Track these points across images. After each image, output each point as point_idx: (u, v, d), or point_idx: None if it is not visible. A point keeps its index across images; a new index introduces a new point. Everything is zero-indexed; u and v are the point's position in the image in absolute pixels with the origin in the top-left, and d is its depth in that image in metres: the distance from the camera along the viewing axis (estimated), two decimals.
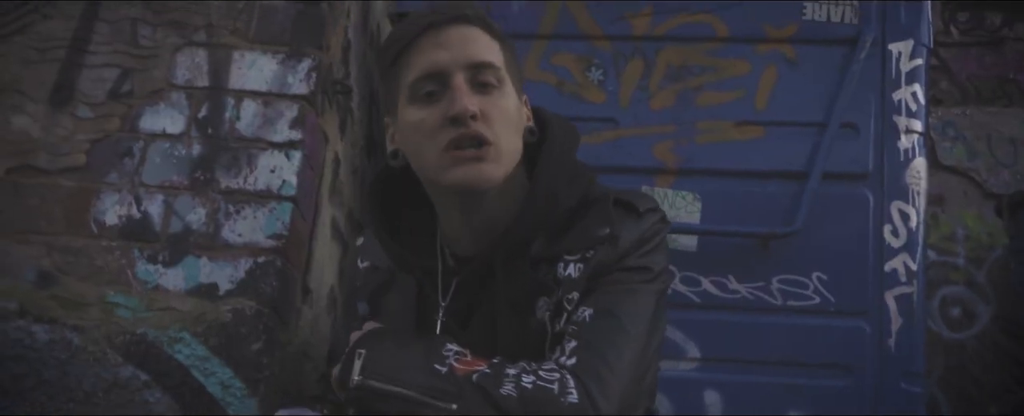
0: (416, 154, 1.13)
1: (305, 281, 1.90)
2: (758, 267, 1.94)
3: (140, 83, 1.84)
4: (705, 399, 1.92)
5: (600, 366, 1.04)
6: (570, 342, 1.07)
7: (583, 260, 1.11)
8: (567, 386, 1.02)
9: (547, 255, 1.13)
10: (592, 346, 1.06)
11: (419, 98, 1.11)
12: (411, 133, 1.12)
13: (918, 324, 1.91)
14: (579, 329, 1.08)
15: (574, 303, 1.10)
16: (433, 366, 1.06)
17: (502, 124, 1.11)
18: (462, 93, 1.08)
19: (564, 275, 1.12)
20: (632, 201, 1.16)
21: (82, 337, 1.67)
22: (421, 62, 1.10)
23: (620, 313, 1.09)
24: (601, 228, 1.12)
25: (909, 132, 1.97)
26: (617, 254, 1.11)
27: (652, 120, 2.04)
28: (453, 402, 1.03)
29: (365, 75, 2.31)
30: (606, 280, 1.11)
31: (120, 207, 1.76)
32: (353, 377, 1.09)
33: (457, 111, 1.07)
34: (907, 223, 1.94)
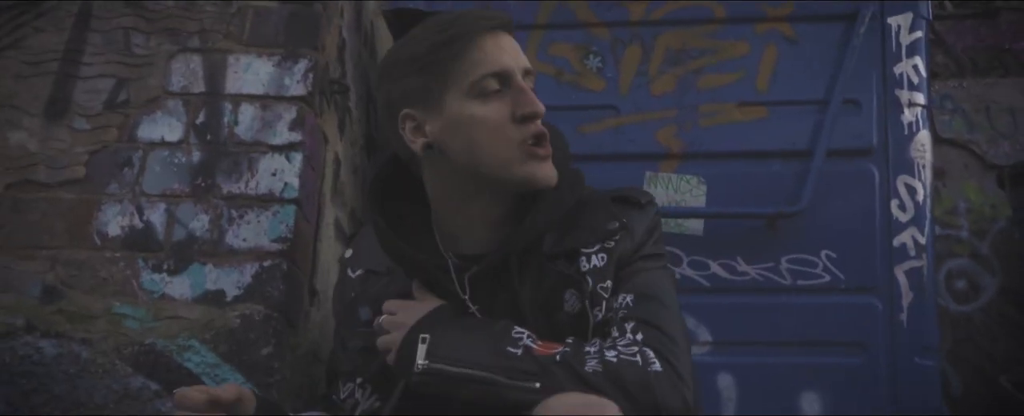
0: (474, 147, 1.17)
1: (312, 283, 1.89)
2: (766, 248, 1.93)
3: (136, 92, 1.83)
4: (719, 383, 1.91)
5: (665, 339, 1.11)
6: (628, 323, 1.14)
7: (604, 251, 1.19)
8: (648, 357, 1.08)
9: (561, 251, 1.19)
10: (650, 324, 1.13)
11: (485, 94, 1.16)
12: (472, 127, 1.16)
13: (929, 298, 1.90)
14: (629, 312, 1.15)
15: (610, 291, 1.17)
16: (506, 349, 1.09)
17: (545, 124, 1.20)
18: (531, 94, 1.18)
19: (589, 267, 1.18)
20: (630, 196, 1.26)
21: (90, 350, 1.66)
22: (488, 60, 1.16)
23: (657, 294, 1.17)
24: (611, 222, 1.21)
25: (912, 105, 1.96)
26: (634, 245, 1.20)
27: (653, 105, 2.02)
28: (536, 381, 1.05)
29: (361, 74, 2.29)
30: (630, 269, 1.19)
31: (122, 217, 1.75)
32: (418, 362, 1.10)
33: (535, 110, 1.16)
34: (914, 197, 1.93)
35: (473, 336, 1.12)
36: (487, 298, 1.20)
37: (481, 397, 1.08)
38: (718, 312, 1.93)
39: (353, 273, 1.36)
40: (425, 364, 1.10)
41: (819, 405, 1.87)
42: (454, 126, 1.17)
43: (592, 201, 1.25)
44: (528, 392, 1.05)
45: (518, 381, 1.06)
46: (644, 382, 1.05)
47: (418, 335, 1.12)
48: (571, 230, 1.21)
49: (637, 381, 1.04)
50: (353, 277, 1.36)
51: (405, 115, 1.20)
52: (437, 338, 1.12)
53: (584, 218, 1.22)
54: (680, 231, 1.95)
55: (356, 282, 1.35)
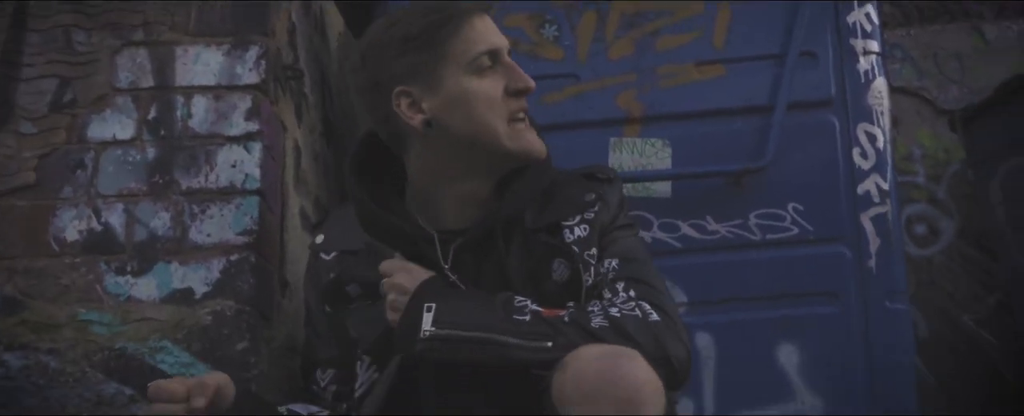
0: (473, 121, 1.23)
1: (281, 274, 1.86)
2: (734, 205, 1.94)
3: (82, 91, 1.77)
4: (698, 342, 1.93)
5: (655, 292, 1.20)
6: (618, 283, 1.21)
7: (585, 222, 1.27)
8: (645, 309, 1.14)
9: (543, 225, 1.27)
10: (639, 281, 1.21)
11: (481, 70, 1.23)
12: (471, 102, 1.23)
13: (896, 242, 1.92)
14: (617, 274, 1.23)
15: (596, 258, 1.25)
16: (513, 316, 1.13)
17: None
18: (520, 70, 1.26)
19: (574, 238, 1.25)
20: (598, 172, 1.36)
21: (59, 359, 1.61)
22: (481, 39, 1.24)
23: (638, 256, 1.27)
24: (587, 194, 1.30)
25: (867, 53, 1.97)
26: (610, 216, 1.29)
27: (612, 71, 2.01)
28: (548, 340, 1.10)
29: (314, 58, 2.25)
30: (610, 238, 1.28)
31: (79, 221, 1.70)
32: (424, 329, 1.13)
33: (528, 84, 1.25)
34: (874, 144, 1.95)
35: (478, 303, 1.16)
36: (471, 271, 1.25)
37: (490, 361, 1.12)
38: (692, 272, 1.94)
39: (327, 256, 1.37)
40: (432, 331, 1.13)
41: (797, 356, 1.89)
42: (453, 101, 1.22)
43: (564, 178, 1.33)
44: (541, 351, 1.09)
45: (530, 341, 1.10)
46: (647, 331, 1.11)
47: (422, 304, 1.16)
48: (549, 204, 1.28)
49: (641, 331, 1.10)
50: (328, 259, 1.36)
51: (400, 92, 1.24)
52: (443, 305, 1.15)
53: (560, 193, 1.30)
54: (648, 194, 1.95)
55: (333, 263, 1.36)
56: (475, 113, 1.22)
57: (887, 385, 1.86)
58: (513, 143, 1.24)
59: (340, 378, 1.36)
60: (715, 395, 1.88)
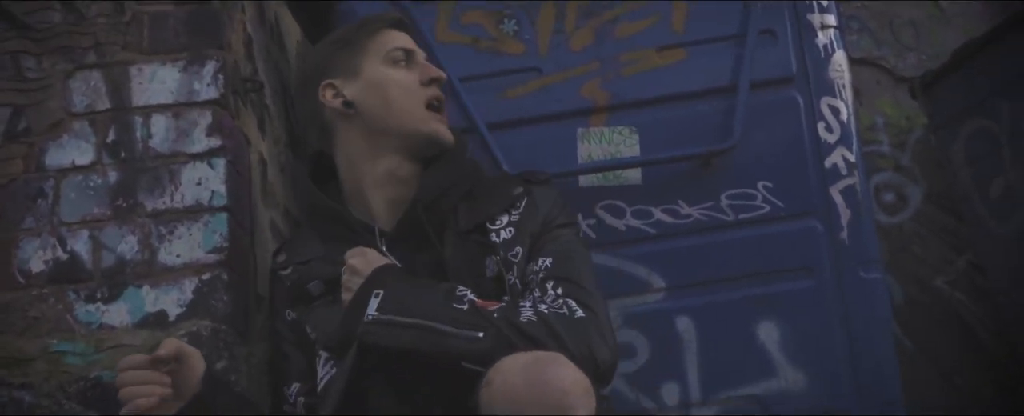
0: (388, 103, 1.45)
1: (255, 289, 1.83)
2: (705, 187, 1.95)
3: (36, 118, 1.73)
4: (677, 326, 1.94)
5: (583, 292, 1.25)
6: (548, 282, 1.27)
7: (511, 224, 1.35)
8: (572, 306, 1.21)
9: (473, 225, 1.36)
10: (569, 280, 1.27)
11: (396, 62, 1.48)
12: (387, 86, 1.45)
13: (866, 212, 1.95)
14: (548, 272, 1.29)
15: (520, 257, 1.33)
16: (452, 304, 1.18)
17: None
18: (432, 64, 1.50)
19: (499, 239, 1.33)
20: (530, 175, 1.46)
21: (33, 393, 1.58)
22: (396, 39, 1.51)
23: (572, 254, 1.33)
24: (514, 188, 1.40)
25: (825, 27, 1.99)
26: (547, 217, 1.38)
27: (574, 61, 2.01)
28: (479, 331, 1.14)
29: (273, 68, 2.22)
30: (547, 237, 1.36)
31: (43, 251, 1.66)
32: (368, 313, 1.20)
33: (439, 74, 1.48)
34: (838, 117, 1.97)
35: (422, 291, 1.23)
36: (407, 264, 1.34)
37: (426, 347, 1.16)
38: (667, 257, 1.95)
39: (285, 271, 1.51)
40: (374, 315, 1.20)
41: (777, 332, 1.91)
42: (371, 86, 1.45)
43: (493, 180, 1.47)
44: (472, 341, 1.14)
45: (464, 330, 1.15)
46: (573, 328, 1.16)
47: (371, 289, 1.23)
48: (478, 203, 1.38)
49: (568, 328, 1.16)
50: (285, 275, 1.50)
51: (325, 85, 1.49)
52: (389, 292, 1.22)
53: (488, 191, 1.41)
54: (619, 183, 1.95)
55: (292, 275, 1.49)
56: (390, 96, 1.43)
57: (867, 354, 1.88)
58: (425, 127, 1.41)
59: (308, 389, 1.38)
60: (699, 378, 1.89)
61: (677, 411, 1.88)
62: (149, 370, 1.19)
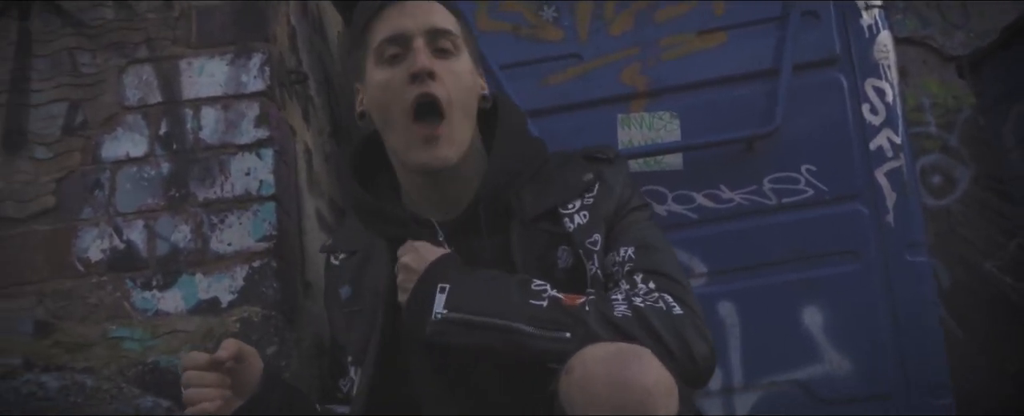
0: (382, 121, 1.23)
1: (303, 276, 1.88)
2: (747, 171, 1.93)
3: (92, 112, 1.79)
4: (720, 311, 1.93)
5: (677, 285, 1.14)
6: (637, 274, 1.15)
7: (585, 208, 1.22)
8: (669, 302, 1.10)
9: (542, 211, 1.22)
10: (658, 272, 1.15)
11: (384, 60, 1.21)
12: (378, 92, 1.22)
13: (912, 195, 1.92)
14: (636, 264, 1.17)
15: (598, 244, 1.20)
16: (530, 301, 1.07)
17: (457, 86, 1.21)
18: (421, 53, 1.19)
19: (574, 225, 1.20)
20: (597, 153, 1.30)
21: (94, 378, 1.64)
22: (386, 27, 1.21)
23: (655, 243, 1.21)
24: (585, 174, 1.25)
25: (869, 8, 1.95)
26: (619, 200, 1.24)
27: (614, 47, 2.00)
28: (567, 331, 1.04)
29: (316, 60, 2.26)
30: (624, 223, 1.23)
31: (101, 241, 1.72)
32: (435, 311, 1.08)
33: (417, 68, 1.17)
34: (883, 98, 1.94)
35: (494, 285, 1.10)
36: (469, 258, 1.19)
37: (504, 350, 1.05)
38: (710, 242, 1.94)
39: (335, 260, 1.40)
40: (444, 313, 1.07)
41: (820, 317, 1.89)
42: (371, 94, 1.24)
43: (561, 160, 1.30)
44: (559, 342, 1.03)
45: (548, 331, 1.04)
46: (671, 325, 1.06)
47: (434, 284, 1.10)
48: (546, 189, 1.24)
49: (665, 324, 1.06)
50: (337, 264, 1.39)
51: (356, 88, 1.31)
52: (457, 287, 1.09)
53: (557, 176, 1.26)
54: (660, 168, 1.95)
55: (340, 268, 1.38)
56: (380, 103, 1.22)
57: (914, 339, 1.86)
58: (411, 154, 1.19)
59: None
60: (742, 363, 1.89)
61: (720, 396, 1.88)
62: (211, 371, 1.16)
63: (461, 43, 1.26)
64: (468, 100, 1.24)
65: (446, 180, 1.24)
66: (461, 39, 1.26)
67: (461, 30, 1.27)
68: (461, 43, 1.26)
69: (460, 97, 1.22)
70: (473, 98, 1.26)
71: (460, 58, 1.25)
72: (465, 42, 1.28)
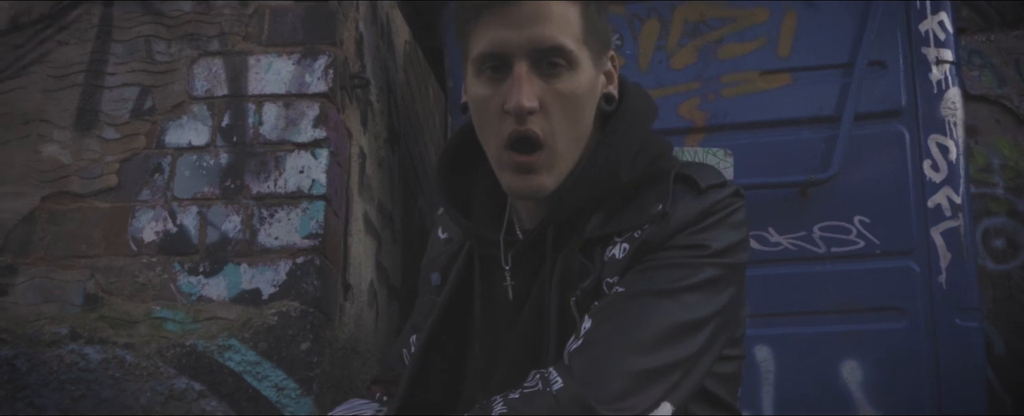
0: (479, 129, 1.07)
1: (345, 278, 1.91)
2: (798, 217, 1.90)
3: (161, 98, 1.85)
4: (757, 355, 1.90)
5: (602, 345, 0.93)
6: (586, 322, 0.97)
7: (630, 240, 1.02)
8: (549, 378, 0.93)
9: (603, 234, 1.04)
10: (604, 324, 0.95)
11: (483, 74, 1.03)
12: (475, 105, 1.05)
13: (968, 257, 1.86)
14: (599, 307, 0.98)
15: (612, 286, 1.00)
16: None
17: (563, 115, 1.02)
18: (521, 86, 0.99)
19: (609, 256, 1.03)
20: (695, 176, 1.05)
21: (134, 354, 1.69)
22: (485, 38, 1.01)
23: (651, 288, 0.97)
24: (655, 205, 1.03)
25: (940, 63, 1.92)
26: (666, 233, 1.01)
27: (675, 79, 2.00)
28: None
29: (380, 66, 2.30)
30: (648, 259, 1.00)
31: (156, 223, 1.78)
32: None
33: (513, 106, 0.98)
34: (946, 156, 1.89)
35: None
36: (528, 273, 1.08)
37: None
38: (752, 284, 1.86)
39: (442, 234, 1.28)
40: None
41: (860, 372, 1.85)
42: (470, 96, 1.07)
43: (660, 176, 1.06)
44: None
45: None
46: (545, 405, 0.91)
47: None
48: (623, 209, 1.05)
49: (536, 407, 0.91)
50: (441, 238, 1.27)
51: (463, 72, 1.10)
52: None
53: (637, 198, 1.05)
54: None
55: (440, 244, 1.26)
56: (478, 119, 1.05)
57: (956, 404, 1.80)
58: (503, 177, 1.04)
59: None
60: (774, 408, 1.85)
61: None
62: None
63: (576, 55, 1.01)
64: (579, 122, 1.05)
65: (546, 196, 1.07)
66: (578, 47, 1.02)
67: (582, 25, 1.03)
68: (576, 55, 1.01)
69: (566, 126, 1.03)
70: (587, 112, 1.05)
71: (575, 73, 1.02)
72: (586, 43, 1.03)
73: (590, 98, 1.05)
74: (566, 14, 1.01)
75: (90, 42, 1.88)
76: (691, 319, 0.96)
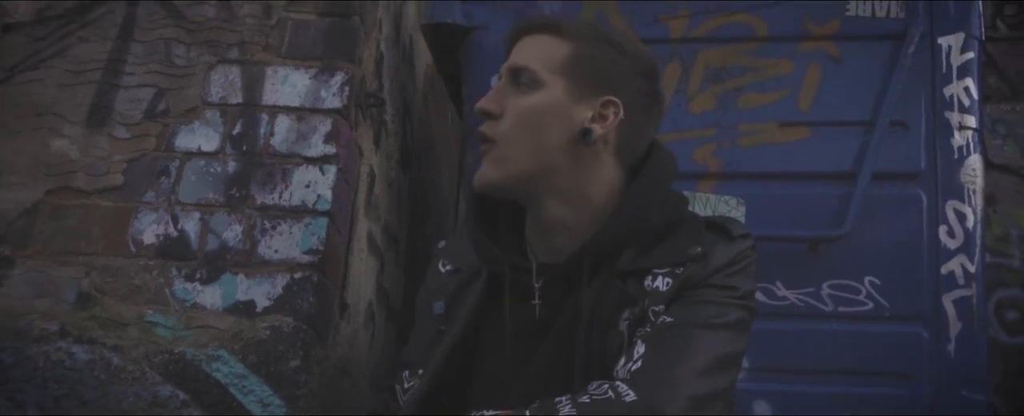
0: None
1: (342, 296, 1.88)
2: (807, 272, 1.87)
3: (175, 102, 1.85)
4: (755, 409, 1.86)
5: (664, 368, 1.04)
6: (640, 347, 1.07)
7: (672, 276, 1.13)
8: (621, 391, 1.02)
9: (636, 268, 1.14)
10: (661, 349, 1.06)
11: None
12: None
13: (979, 329, 1.82)
14: (653, 333, 1.09)
15: (658, 314, 1.11)
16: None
17: (514, 122, 1.18)
18: (492, 92, 1.22)
19: (652, 287, 1.13)
20: (725, 225, 1.19)
21: (121, 356, 1.67)
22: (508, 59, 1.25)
23: (697, 321, 1.09)
24: (692, 246, 1.15)
25: (963, 128, 1.89)
26: (706, 272, 1.13)
27: (692, 124, 1.98)
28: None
29: (399, 87, 2.30)
30: (691, 294, 1.12)
31: (157, 226, 1.76)
32: None
33: (479, 106, 1.21)
34: (963, 223, 1.86)
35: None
36: (557, 303, 1.18)
37: None
38: (756, 338, 1.83)
39: (443, 267, 1.34)
40: None
41: None
42: None
43: (688, 222, 1.20)
44: None
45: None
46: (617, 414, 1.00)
47: None
48: (654, 247, 1.17)
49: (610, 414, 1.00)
50: (443, 272, 1.34)
51: None
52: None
53: (671, 237, 1.17)
54: None
55: (443, 277, 1.33)
56: None
57: None
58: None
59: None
60: None
61: None
62: None
63: (540, 77, 1.19)
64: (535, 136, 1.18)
65: (554, 228, 1.20)
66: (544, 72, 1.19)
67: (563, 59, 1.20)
68: (540, 77, 1.19)
69: (519, 135, 1.18)
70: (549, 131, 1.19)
71: (535, 92, 1.19)
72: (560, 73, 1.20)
73: (553, 120, 1.19)
74: (547, 46, 1.22)
75: (111, 40, 1.89)
76: (729, 353, 1.09)
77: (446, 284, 1.30)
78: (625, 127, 1.21)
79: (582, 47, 1.21)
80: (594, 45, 1.21)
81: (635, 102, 1.23)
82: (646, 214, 1.16)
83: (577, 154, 1.19)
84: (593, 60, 1.21)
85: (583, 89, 1.20)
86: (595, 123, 1.20)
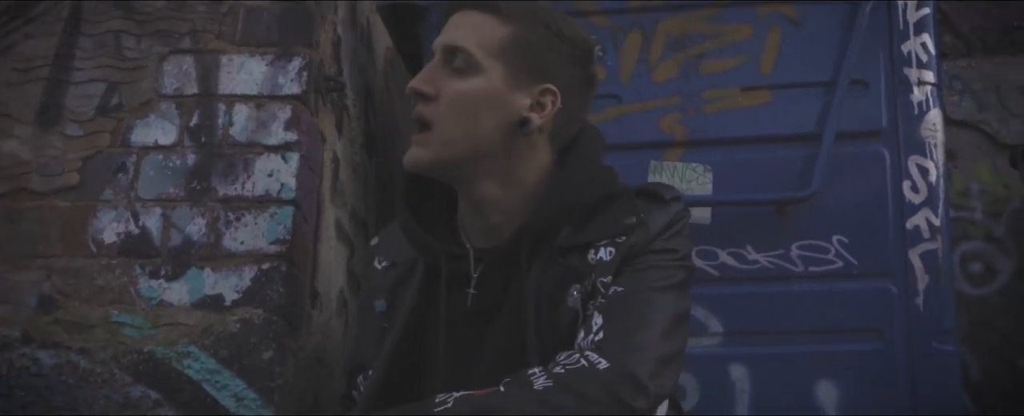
0: None
1: (313, 285, 1.86)
2: (776, 235, 1.89)
3: (128, 96, 1.80)
4: (731, 374, 1.88)
5: (628, 334, 1.06)
6: (597, 318, 1.09)
7: (614, 245, 1.15)
8: (593, 359, 1.04)
9: (575, 244, 1.16)
10: (619, 318, 1.08)
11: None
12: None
13: (945, 281, 1.85)
14: (607, 304, 1.10)
15: (608, 285, 1.13)
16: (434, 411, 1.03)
17: (450, 107, 1.17)
18: (425, 71, 1.20)
19: (596, 259, 1.14)
20: (656, 191, 1.22)
21: (89, 359, 1.63)
22: (441, 36, 1.22)
23: (648, 286, 1.12)
24: (628, 216, 1.17)
25: (922, 84, 1.91)
26: (647, 238, 1.16)
27: (656, 93, 1.98)
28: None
29: (358, 70, 2.26)
30: (635, 262, 1.15)
31: (118, 224, 1.72)
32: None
33: (409, 87, 1.21)
34: (926, 178, 1.89)
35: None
36: (496, 289, 1.19)
37: None
38: (729, 302, 1.89)
39: (379, 264, 1.35)
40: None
41: (835, 393, 1.83)
42: None
43: (617, 196, 1.21)
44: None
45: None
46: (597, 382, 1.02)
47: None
48: (590, 222, 1.18)
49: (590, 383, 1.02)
50: (379, 268, 1.34)
51: None
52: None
53: (606, 211, 1.19)
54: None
55: (380, 274, 1.34)
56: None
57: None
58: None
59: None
60: None
61: None
62: None
63: (477, 60, 1.17)
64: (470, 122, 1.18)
65: (487, 210, 1.20)
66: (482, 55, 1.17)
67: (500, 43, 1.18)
68: (477, 60, 1.17)
69: (454, 119, 1.18)
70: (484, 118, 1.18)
71: (470, 76, 1.17)
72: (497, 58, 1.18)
73: (490, 107, 1.18)
74: (484, 26, 1.20)
75: (57, 35, 1.83)
76: (679, 313, 1.14)
77: (384, 281, 1.30)
78: (562, 114, 1.21)
79: (521, 31, 1.19)
80: (533, 29, 1.19)
81: (572, 88, 1.22)
82: (580, 192, 1.18)
83: (512, 141, 1.19)
84: (532, 46, 1.19)
85: (521, 76, 1.18)
86: (533, 111, 1.19)
